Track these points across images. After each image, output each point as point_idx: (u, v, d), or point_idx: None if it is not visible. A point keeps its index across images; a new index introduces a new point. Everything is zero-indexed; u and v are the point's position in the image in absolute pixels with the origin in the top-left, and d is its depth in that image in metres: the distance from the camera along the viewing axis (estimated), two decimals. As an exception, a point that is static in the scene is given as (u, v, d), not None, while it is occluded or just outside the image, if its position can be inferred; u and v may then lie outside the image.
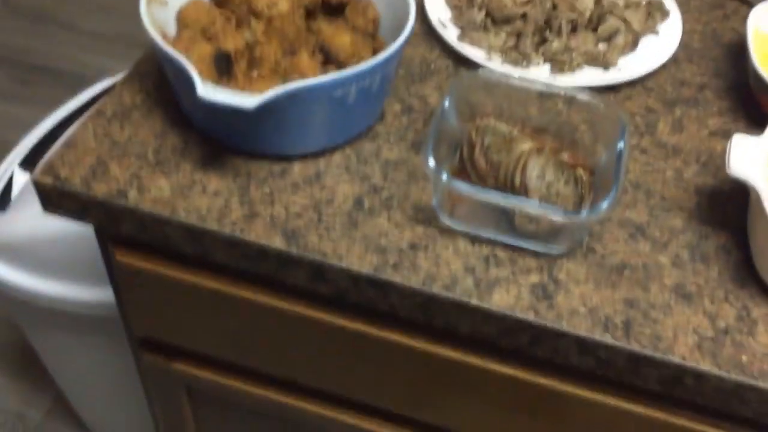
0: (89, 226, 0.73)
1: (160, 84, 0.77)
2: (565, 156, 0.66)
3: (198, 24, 0.74)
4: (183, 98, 0.71)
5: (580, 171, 0.66)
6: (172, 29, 0.75)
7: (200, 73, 0.67)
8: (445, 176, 0.62)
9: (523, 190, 0.64)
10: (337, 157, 0.73)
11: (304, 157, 0.72)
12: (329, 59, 0.71)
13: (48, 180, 0.68)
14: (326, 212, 0.68)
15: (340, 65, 0.71)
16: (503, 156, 0.68)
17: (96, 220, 0.70)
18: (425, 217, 0.68)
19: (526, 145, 0.66)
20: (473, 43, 0.85)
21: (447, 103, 0.70)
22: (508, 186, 0.66)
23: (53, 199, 0.69)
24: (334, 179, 0.71)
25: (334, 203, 0.69)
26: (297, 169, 0.72)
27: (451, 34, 0.86)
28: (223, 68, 0.68)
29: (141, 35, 0.68)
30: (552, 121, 0.73)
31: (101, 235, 0.74)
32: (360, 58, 0.72)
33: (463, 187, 0.63)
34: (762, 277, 0.65)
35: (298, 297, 0.71)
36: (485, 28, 0.86)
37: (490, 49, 0.85)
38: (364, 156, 0.74)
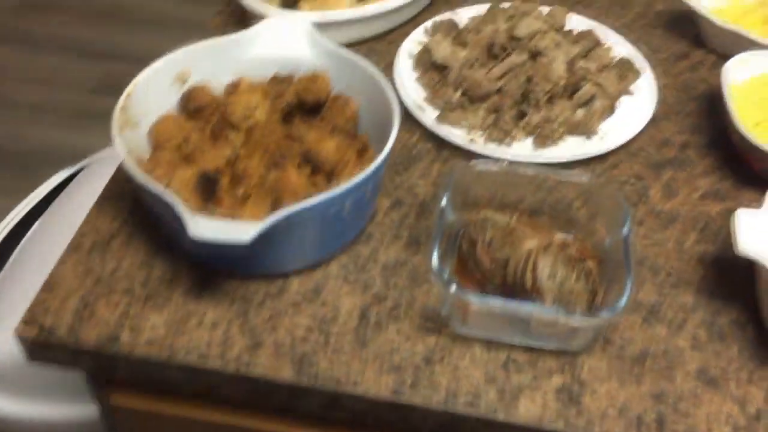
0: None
1: (135, 207, 0.73)
2: (573, 250, 0.64)
3: (172, 142, 0.71)
4: (169, 227, 0.67)
5: (589, 263, 0.64)
6: (145, 150, 0.71)
7: (185, 201, 0.63)
8: (454, 288, 0.60)
9: (536, 292, 0.62)
10: (334, 268, 0.70)
11: (299, 271, 0.69)
12: (316, 169, 0.68)
13: (32, 332, 0.64)
14: (332, 332, 0.65)
15: (328, 174, 0.69)
16: (507, 252, 0.67)
17: (88, 368, 0.65)
18: (435, 325, 0.66)
19: (531, 242, 0.65)
20: (452, 123, 0.83)
21: (444, 202, 0.68)
22: (518, 286, 0.64)
23: (39, 351, 0.65)
24: (334, 293, 0.68)
25: (339, 320, 0.66)
26: (294, 286, 0.68)
27: (429, 116, 0.84)
28: (208, 192, 0.65)
29: (84, 102, 0.64)
30: (546, 201, 0.72)
31: (94, 379, 0.69)
32: (346, 163, 0.70)
33: (476, 299, 0.60)
34: (781, 350, 0.64)
35: (312, 423, 0.67)
36: (463, 107, 0.85)
37: (470, 128, 0.84)
38: (361, 262, 0.71)
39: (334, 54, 0.77)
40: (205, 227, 0.58)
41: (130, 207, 0.74)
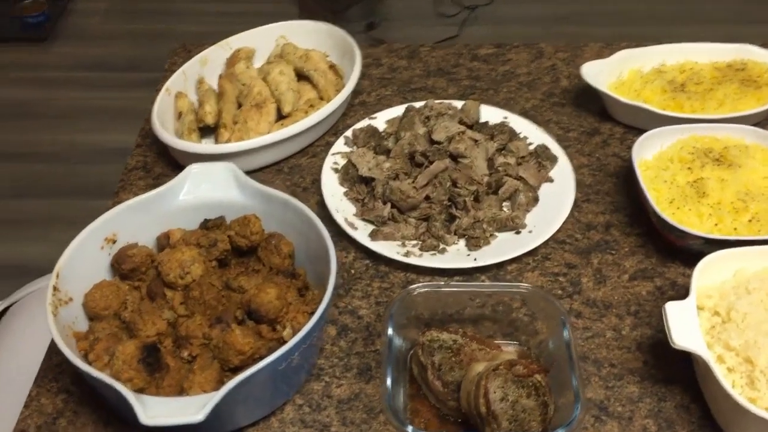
0: None
1: (77, 378, 0.72)
2: (520, 367, 0.66)
3: (109, 311, 0.71)
4: (118, 409, 0.66)
5: (537, 378, 0.66)
6: (83, 321, 0.70)
7: (129, 380, 0.63)
8: (410, 430, 0.61)
9: (491, 416, 0.64)
10: (289, 412, 0.70)
11: (255, 423, 0.69)
12: (260, 320, 0.69)
13: None
14: (297, 484, 0.65)
15: (272, 323, 0.69)
16: (457, 375, 0.68)
17: None
18: (397, 459, 0.66)
19: (480, 366, 0.66)
20: (386, 237, 0.85)
21: (390, 331, 0.69)
22: (473, 411, 0.65)
23: None
24: (293, 440, 0.68)
25: (302, 470, 0.66)
26: (252, 439, 0.68)
27: (362, 233, 0.85)
28: (154, 365, 0.65)
29: None
30: (487, 311, 0.74)
31: None
32: (289, 307, 0.70)
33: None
34: None
35: None
36: (394, 220, 0.87)
37: (404, 240, 0.85)
38: (315, 401, 0.71)
39: (261, 194, 0.78)
40: (157, 411, 0.57)
41: (72, 377, 0.72)
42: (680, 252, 0.82)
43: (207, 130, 1.00)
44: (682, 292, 0.77)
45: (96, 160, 2.13)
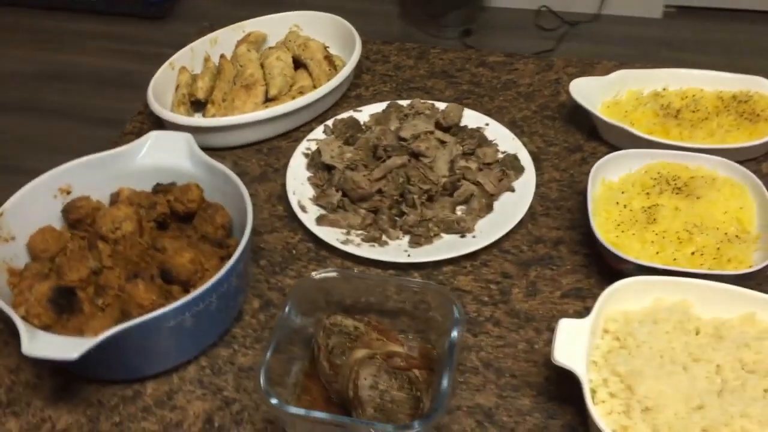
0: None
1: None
2: (399, 360, 0.67)
3: (48, 253, 0.77)
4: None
5: (415, 372, 0.67)
6: (22, 261, 0.77)
7: (36, 316, 0.68)
8: (275, 401, 0.63)
9: (357, 402, 0.65)
10: (191, 370, 0.74)
11: (157, 376, 0.73)
12: (171, 281, 0.73)
13: None
14: (175, 437, 0.69)
15: (184, 283, 0.73)
16: (345, 360, 0.70)
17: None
18: (274, 430, 0.69)
19: (360, 353, 0.68)
20: (332, 224, 0.87)
21: (287, 309, 0.71)
22: (345, 396, 0.66)
23: None
24: (186, 396, 0.72)
25: (185, 425, 0.70)
26: (150, 389, 0.72)
27: (310, 217, 0.88)
28: (63, 305, 0.70)
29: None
30: (407, 305, 0.75)
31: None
32: (204, 272, 0.74)
33: (290, 411, 0.63)
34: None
35: None
36: (344, 208, 0.89)
37: (349, 229, 0.87)
38: (218, 365, 0.75)
39: (207, 166, 0.82)
40: (36, 345, 0.62)
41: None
42: (619, 276, 0.80)
43: (202, 106, 1.05)
44: (603, 315, 0.75)
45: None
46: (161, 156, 0.84)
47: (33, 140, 2.25)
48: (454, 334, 0.68)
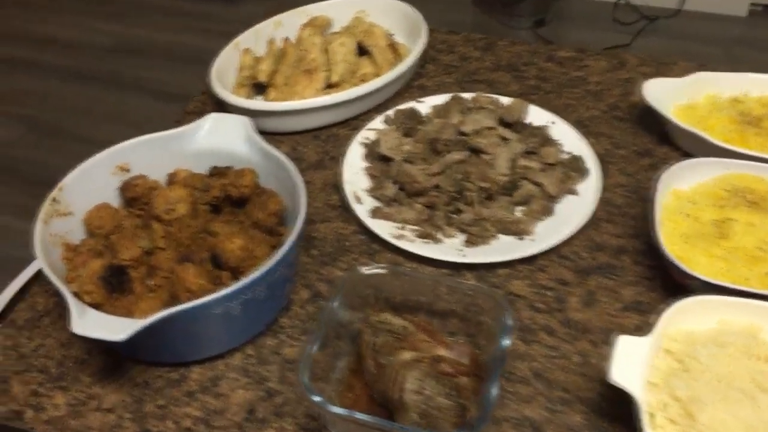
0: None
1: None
2: (446, 365, 0.65)
3: (103, 230, 0.77)
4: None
5: (463, 380, 0.65)
6: (78, 236, 0.77)
7: (89, 293, 0.69)
8: (317, 399, 0.62)
9: (401, 406, 0.63)
10: (237, 358, 0.73)
11: (202, 361, 0.73)
12: (221, 266, 0.72)
13: (-51, 402, 0.70)
14: (217, 425, 0.68)
15: (234, 270, 0.73)
16: (391, 359, 0.68)
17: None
18: (316, 425, 0.68)
19: (407, 354, 0.66)
20: (387, 217, 0.86)
21: (336, 303, 0.70)
22: (389, 398, 0.65)
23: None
24: (230, 385, 0.71)
25: (227, 414, 0.69)
26: (195, 375, 0.72)
27: (364, 209, 0.86)
28: (114, 284, 0.70)
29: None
30: (458, 307, 0.73)
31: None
32: (254, 259, 0.73)
33: (334, 410, 0.62)
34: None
35: None
36: (399, 202, 0.87)
37: (404, 223, 0.85)
38: (264, 355, 0.74)
39: (263, 151, 0.81)
40: (85, 323, 0.63)
41: (67, 286, 0.80)
42: (683, 292, 0.76)
43: (263, 89, 1.04)
44: (664, 333, 0.71)
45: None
46: (219, 139, 0.83)
47: (103, 111, 2.30)
48: (505, 342, 0.66)
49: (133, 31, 2.56)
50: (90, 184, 0.78)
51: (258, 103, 0.96)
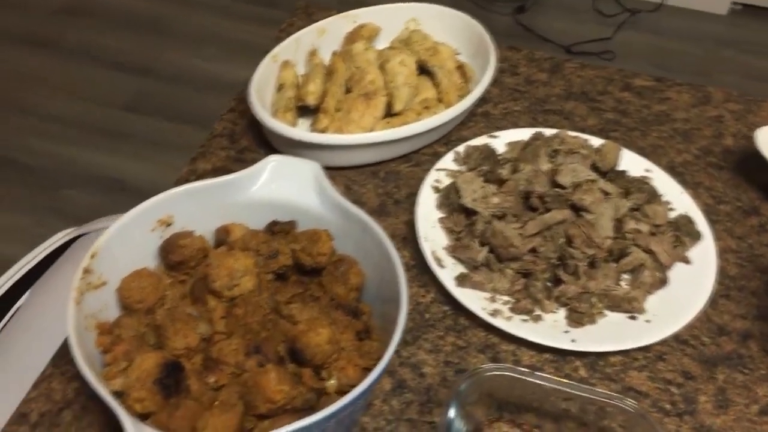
0: None
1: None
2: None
3: (143, 304, 0.61)
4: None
5: None
6: (113, 310, 0.61)
7: (140, 400, 0.53)
8: None
9: None
10: (313, 473, 0.59)
11: (272, 478, 0.59)
12: (303, 363, 0.58)
13: None
14: None
15: (316, 369, 0.58)
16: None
17: None
18: None
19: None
20: (475, 286, 0.72)
21: (452, 413, 0.57)
22: None
23: None
24: None
25: None
26: (264, 496, 0.58)
27: (448, 274, 0.73)
28: (172, 387, 0.55)
29: (115, 119, 0.54)
30: (574, 407, 0.61)
31: None
32: (341, 353, 0.59)
33: None
34: None
35: None
36: (489, 267, 0.73)
37: (494, 293, 0.72)
38: (347, 469, 0.60)
39: (340, 208, 0.66)
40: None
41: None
42: (833, 396, 0.66)
43: (307, 111, 0.89)
44: (827, 453, 0.61)
45: (211, 89, 2.10)
46: (281, 187, 0.68)
47: (53, 82, 2.09)
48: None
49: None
50: (126, 245, 0.63)
51: (315, 136, 0.81)
